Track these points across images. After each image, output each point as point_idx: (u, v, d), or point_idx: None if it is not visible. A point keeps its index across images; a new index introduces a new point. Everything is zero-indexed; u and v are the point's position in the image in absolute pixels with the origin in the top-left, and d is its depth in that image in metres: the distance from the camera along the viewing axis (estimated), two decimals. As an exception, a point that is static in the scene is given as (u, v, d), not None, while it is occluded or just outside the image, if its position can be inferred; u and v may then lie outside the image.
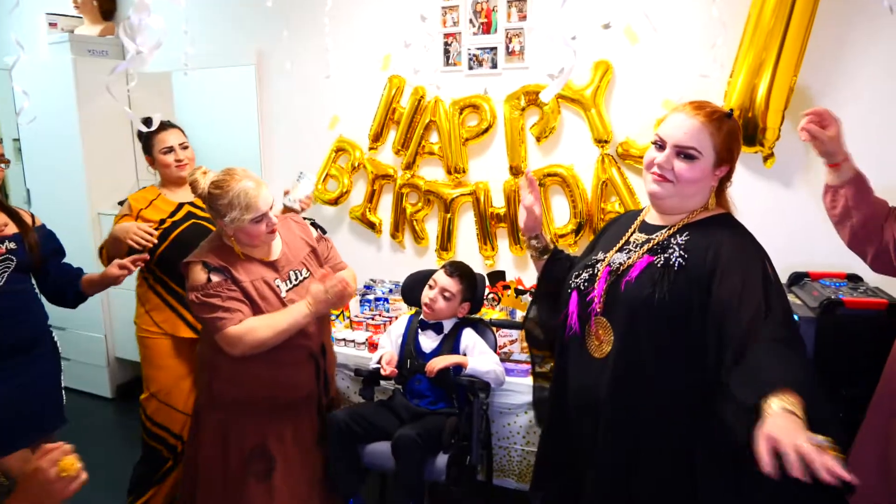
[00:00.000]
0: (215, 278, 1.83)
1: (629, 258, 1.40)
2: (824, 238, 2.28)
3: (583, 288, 1.45)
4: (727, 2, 2.22)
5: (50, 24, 3.45)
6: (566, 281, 1.52)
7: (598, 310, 1.39)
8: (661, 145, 1.37)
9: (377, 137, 3.01)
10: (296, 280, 1.96)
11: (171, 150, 2.39)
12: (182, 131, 2.48)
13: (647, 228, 1.46)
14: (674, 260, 1.32)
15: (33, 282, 2.10)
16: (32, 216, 2.12)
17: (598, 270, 1.43)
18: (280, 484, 1.92)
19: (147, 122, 2.48)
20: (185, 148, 2.43)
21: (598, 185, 2.59)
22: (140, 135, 2.47)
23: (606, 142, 2.55)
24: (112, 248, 2.32)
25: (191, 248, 1.98)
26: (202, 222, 2.37)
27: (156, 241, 2.28)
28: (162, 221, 2.34)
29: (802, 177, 2.33)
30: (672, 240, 1.36)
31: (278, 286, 1.91)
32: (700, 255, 1.31)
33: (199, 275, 1.84)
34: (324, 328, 2.02)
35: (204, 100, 3.54)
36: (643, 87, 2.51)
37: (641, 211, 1.55)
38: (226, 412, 1.93)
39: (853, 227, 1.55)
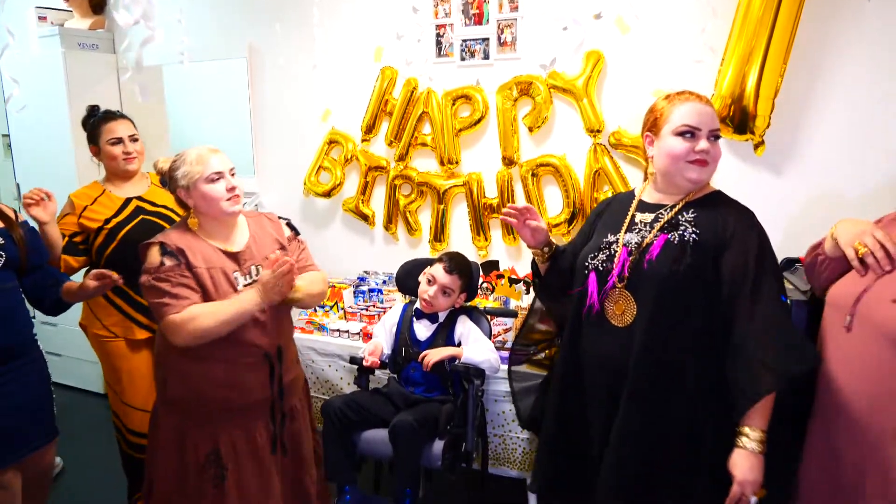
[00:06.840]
0: (168, 262, 1.71)
1: (644, 238, 1.52)
2: (814, 224, 2.31)
3: (601, 268, 1.56)
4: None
5: (39, 18, 3.41)
6: (580, 263, 1.63)
7: (620, 285, 1.51)
8: (693, 134, 1.47)
9: (370, 129, 3.01)
10: (257, 275, 1.82)
11: (119, 140, 2.23)
12: (133, 123, 2.30)
13: (647, 207, 1.59)
14: (688, 236, 1.47)
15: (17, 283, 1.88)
16: (15, 212, 1.96)
17: (615, 251, 1.55)
18: (231, 493, 1.78)
19: (94, 109, 2.28)
20: (135, 141, 2.26)
21: (591, 175, 2.60)
22: (85, 123, 2.30)
23: (598, 131, 2.57)
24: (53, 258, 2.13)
25: None
26: (152, 218, 2.22)
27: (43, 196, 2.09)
28: (107, 221, 2.19)
29: (792, 164, 2.35)
30: (680, 217, 1.51)
31: (236, 278, 1.78)
32: (710, 230, 1.47)
33: (153, 257, 1.72)
34: (282, 330, 1.87)
35: (196, 93, 3.54)
36: (634, 77, 2.52)
37: (631, 192, 1.69)
38: (181, 416, 1.80)
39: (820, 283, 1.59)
